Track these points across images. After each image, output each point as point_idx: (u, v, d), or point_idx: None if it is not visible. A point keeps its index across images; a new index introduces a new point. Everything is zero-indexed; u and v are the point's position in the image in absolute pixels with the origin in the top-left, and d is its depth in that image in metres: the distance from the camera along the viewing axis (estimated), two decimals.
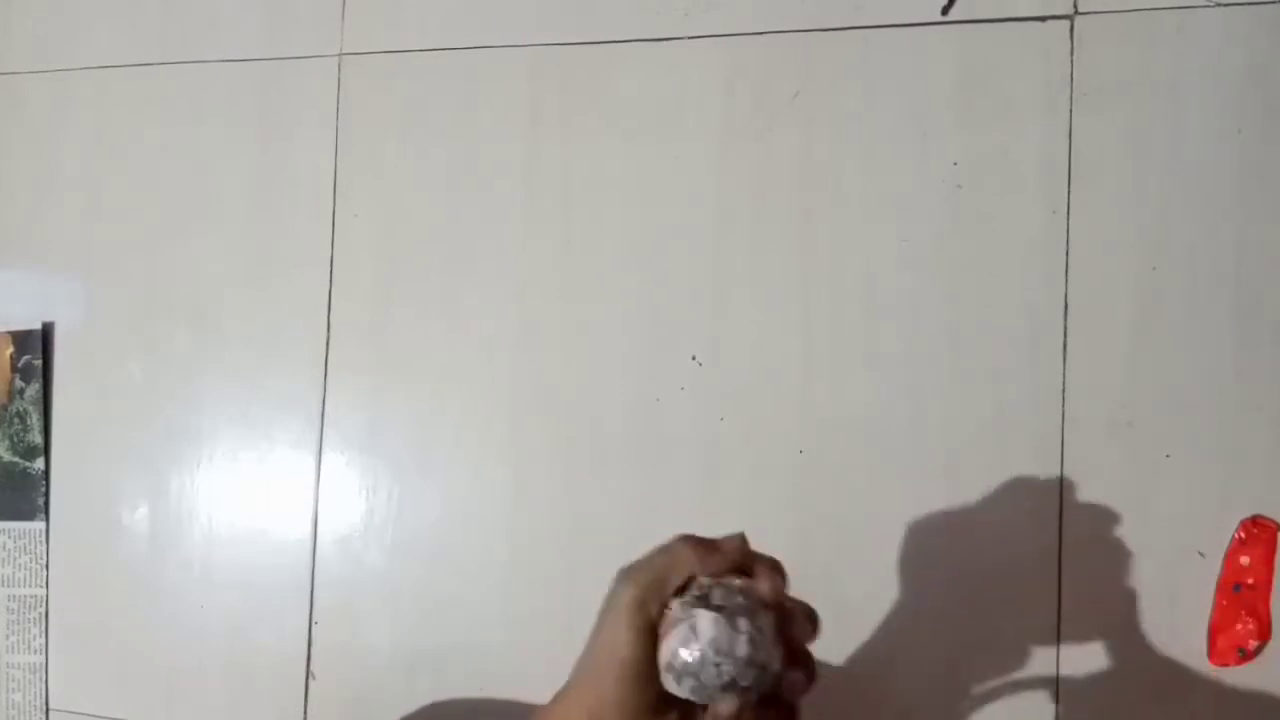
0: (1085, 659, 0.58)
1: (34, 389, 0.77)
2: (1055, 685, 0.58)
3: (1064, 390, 0.59)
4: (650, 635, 0.39)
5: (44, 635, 0.76)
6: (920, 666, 0.60)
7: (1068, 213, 0.59)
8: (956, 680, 0.60)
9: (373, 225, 0.71)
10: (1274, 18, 0.57)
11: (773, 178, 0.64)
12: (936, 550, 0.60)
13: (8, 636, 0.76)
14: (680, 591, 0.40)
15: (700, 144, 0.65)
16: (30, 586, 0.76)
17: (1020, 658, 0.59)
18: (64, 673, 0.75)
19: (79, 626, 0.75)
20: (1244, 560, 0.56)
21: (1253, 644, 0.56)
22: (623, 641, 0.39)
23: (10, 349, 0.77)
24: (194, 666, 0.72)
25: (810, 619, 0.41)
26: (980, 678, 0.59)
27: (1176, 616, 0.57)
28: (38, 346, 0.77)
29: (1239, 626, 0.56)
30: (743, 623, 0.39)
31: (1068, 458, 0.58)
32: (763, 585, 0.40)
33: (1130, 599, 0.58)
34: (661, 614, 0.40)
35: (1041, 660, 0.58)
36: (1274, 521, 0.56)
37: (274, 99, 0.73)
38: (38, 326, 0.77)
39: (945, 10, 0.62)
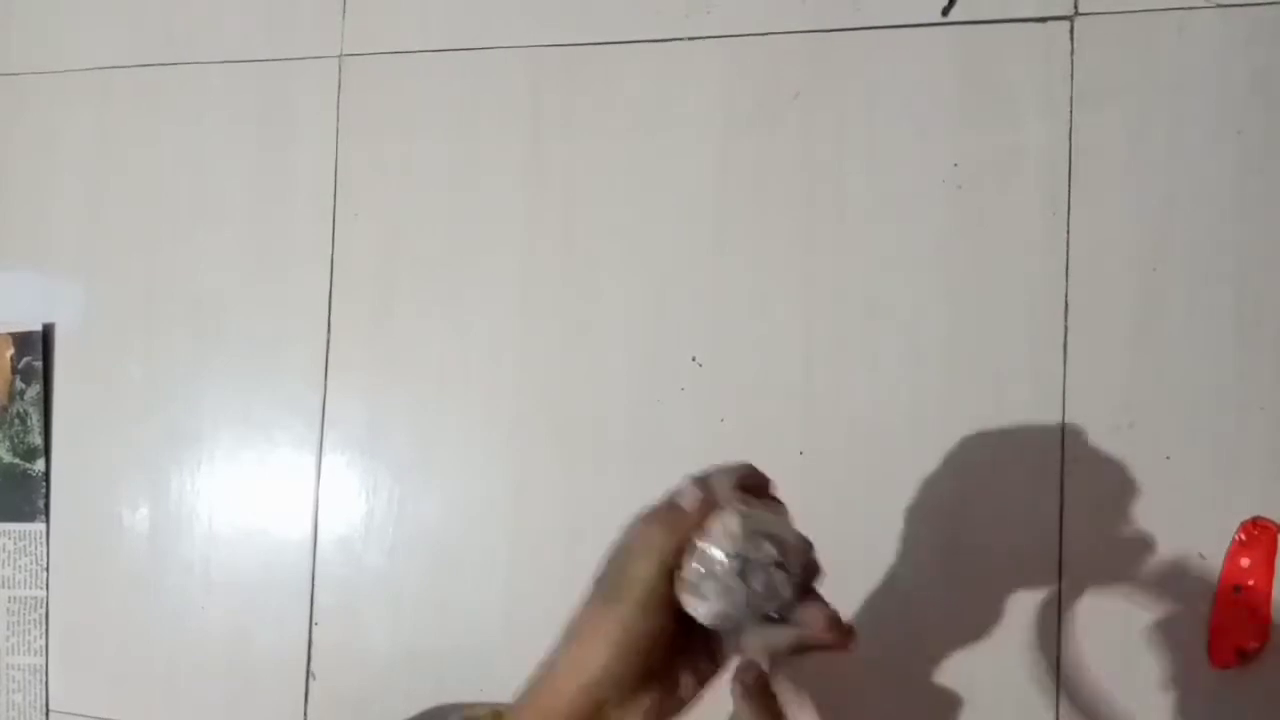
0: (1086, 660, 0.58)
1: (34, 390, 0.77)
2: (1056, 685, 0.58)
3: (1064, 390, 0.59)
4: (669, 571, 0.41)
5: (44, 636, 0.76)
6: (920, 666, 0.60)
7: (1068, 213, 0.59)
8: (957, 680, 0.60)
9: (373, 225, 0.71)
10: (1274, 19, 0.57)
11: (773, 178, 0.64)
12: (936, 550, 0.60)
13: (8, 638, 0.76)
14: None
15: (700, 144, 0.65)
16: (30, 588, 0.76)
17: (1020, 658, 0.59)
18: (64, 674, 0.76)
19: (79, 628, 0.75)
20: (1244, 562, 0.56)
21: (1253, 645, 0.56)
22: (645, 574, 0.41)
23: (11, 350, 0.77)
24: (194, 667, 0.72)
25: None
26: (981, 677, 0.59)
27: (1176, 618, 0.57)
28: (38, 348, 0.77)
29: (1240, 627, 0.56)
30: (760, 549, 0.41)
31: (1068, 458, 0.58)
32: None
33: (1130, 600, 0.57)
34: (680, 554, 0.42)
35: (1042, 661, 0.58)
36: (1274, 523, 0.56)
37: (275, 99, 0.73)
38: (38, 328, 0.77)
39: (945, 11, 0.62)
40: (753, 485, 0.44)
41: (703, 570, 0.41)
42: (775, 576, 0.41)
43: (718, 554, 0.41)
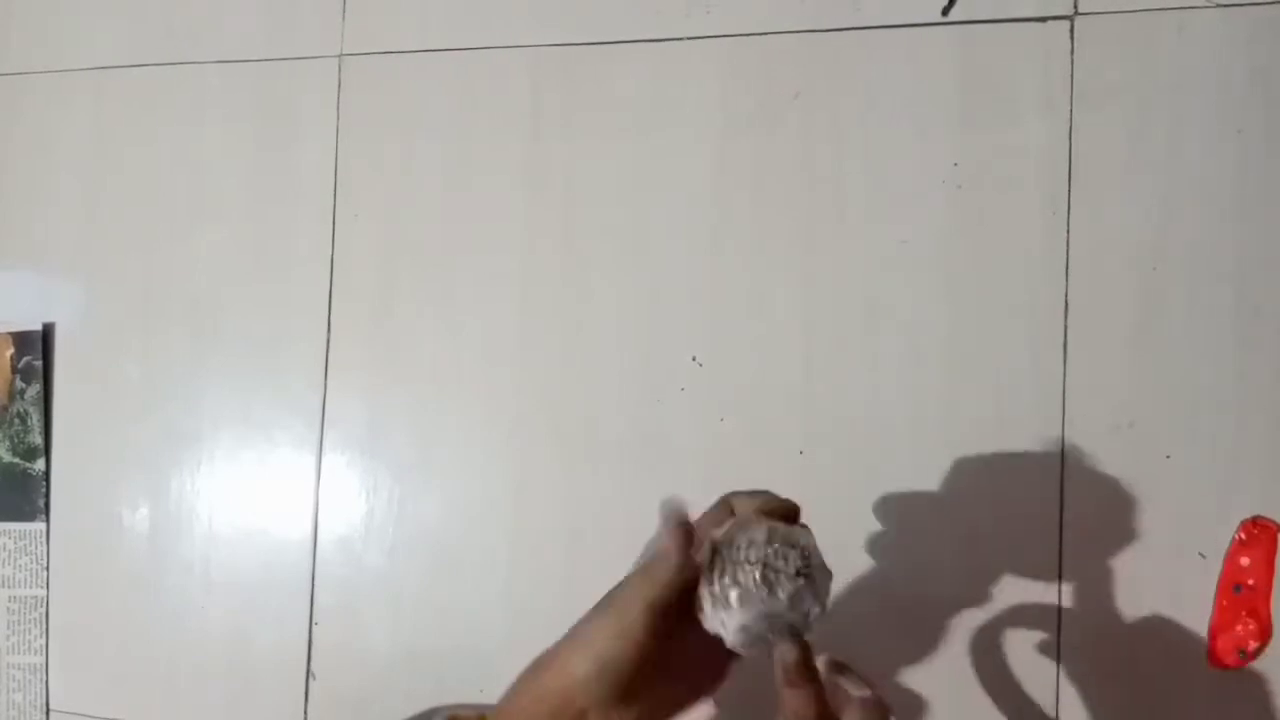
0: (1085, 659, 0.58)
1: (34, 390, 0.77)
2: (1056, 685, 0.58)
3: (1064, 390, 0.59)
4: (668, 584, 0.42)
5: (44, 636, 0.76)
6: (920, 666, 0.60)
7: (1068, 213, 0.59)
8: (958, 679, 0.60)
9: (373, 225, 0.71)
10: (1274, 18, 0.57)
11: (773, 178, 0.64)
12: (937, 550, 0.60)
13: (8, 637, 0.76)
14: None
15: (700, 144, 0.65)
16: (31, 587, 0.76)
17: (1021, 657, 0.59)
18: (64, 673, 0.76)
19: (79, 627, 0.75)
20: (1244, 561, 0.56)
21: (1253, 645, 0.56)
22: (642, 586, 0.42)
23: (10, 350, 0.77)
24: (194, 667, 0.72)
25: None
26: (981, 677, 0.59)
27: (1176, 617, 0.57)
28: (38, 347, 0.77)
29: (1239, 627, 0.56)
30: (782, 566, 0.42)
31: (1068, 458, 0.58)
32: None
33: (1130, 600, 0.58)
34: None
35: (1042, 659, 0.58)
36: (1274, 522, 0.56)
37: (274, 99, 0.73)
38: (38, 327, 0.77)
39: (945, 11, 0.62)
40: (779, 512, 0.45)
41: (727, 582, 0.41)
42: (801, 588, 0.41)
43: (743, 563, 0.41)
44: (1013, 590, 0.59)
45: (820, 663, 0.42)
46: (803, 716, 0.40)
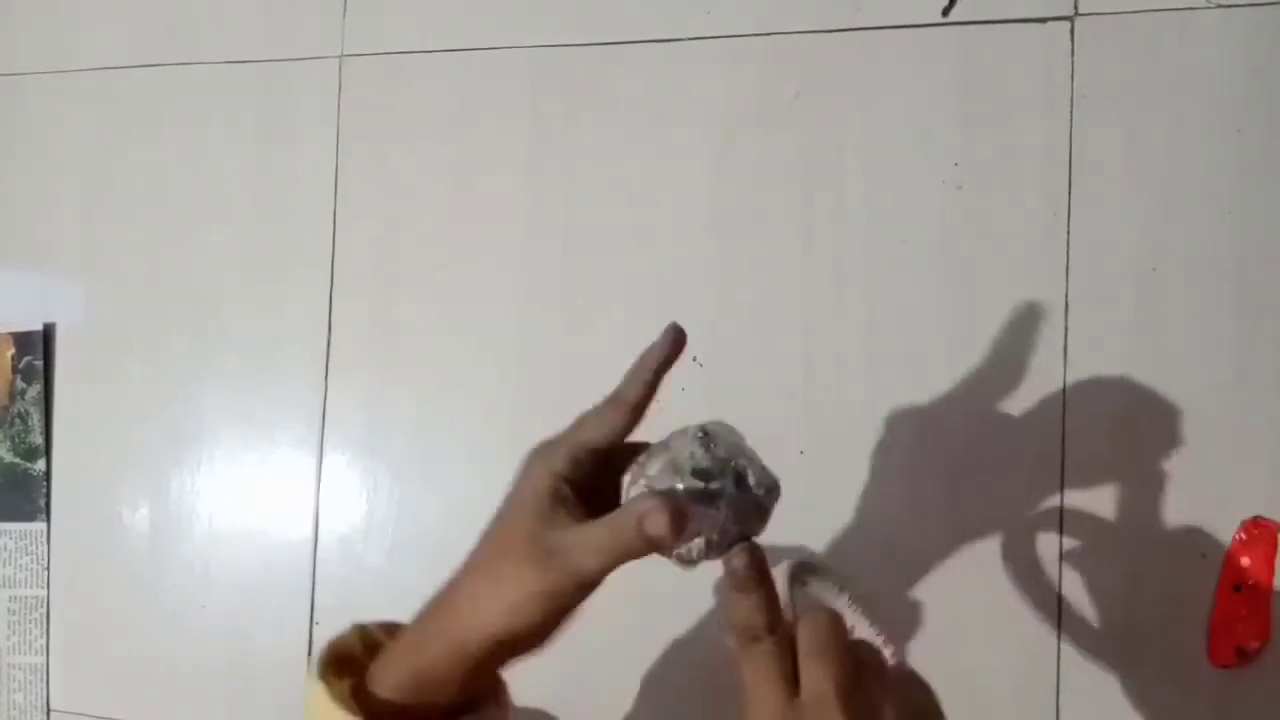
0: (1086, 660, 0.58)
1: (35, 390, 0.77)
2: (1056, 686, 0.58)
3: (1064, 390, 0.59)
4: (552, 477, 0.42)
5: (45, 636, 0.76)
6: (921, 666, 0.60)
7: (1068, 213, 0.59)
8: (958, 680, 0.59)
9: (373, 225, 0.71)
10: (1274, 19, 0.57)
11: (773, 178, 0.64)
12: (937, 550, 0.60)
13: (9, 637, 0.76)
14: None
15: (701, 144, 0.65)
16: (31, 587, 0.76)
17: (1021, 660, 0.59)
18: (65, 673, 0.76)
19: (80, 627, 0.75)
20: (1245, 561, 0.56)
21: (1253, 645, 0.56)
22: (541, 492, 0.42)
23: (11, 350, 0.77)
24: (194, 667, 0.72)
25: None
26: (982, 679, 0.59)
27: (1177, 617, 0.57)
28: (39, 347, 0.77)
29: (1240, 627, 0.56)
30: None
31: (1068, 458, 0.58)
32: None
33: (1131, 600, 0.57)
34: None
35: (1042, 661, 0.58)
36: (1274, 522, 0.56)
37: (275, 100, 0.73)
38: (39, 327, 0.77)
39: (946, 11, 0.62)
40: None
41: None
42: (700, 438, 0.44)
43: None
44: (1014, 589, 0.59)
45: (782, 568, 0.39)
46: (749, 624, 0.37)
